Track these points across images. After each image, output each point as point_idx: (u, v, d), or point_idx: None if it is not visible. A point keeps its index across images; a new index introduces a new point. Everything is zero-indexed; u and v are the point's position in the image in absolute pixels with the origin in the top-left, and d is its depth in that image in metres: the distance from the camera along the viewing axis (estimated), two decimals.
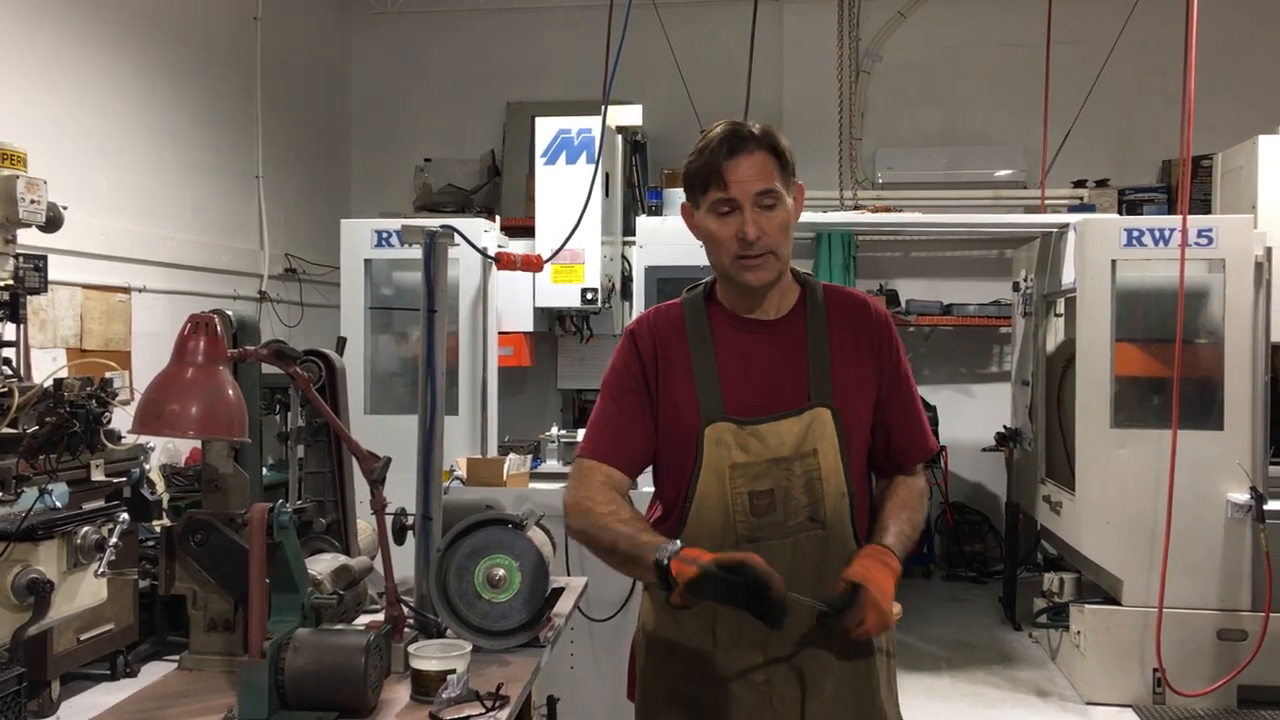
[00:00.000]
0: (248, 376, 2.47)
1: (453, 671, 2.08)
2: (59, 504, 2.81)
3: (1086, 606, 5.22)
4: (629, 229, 6.20)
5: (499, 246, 5.56)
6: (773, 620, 1.80)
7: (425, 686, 2.09)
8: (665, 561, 1.86)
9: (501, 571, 2.38)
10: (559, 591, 2.80)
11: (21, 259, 4.35)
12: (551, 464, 5.25)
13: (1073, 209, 7.56)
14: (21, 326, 4.53)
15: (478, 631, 2.38)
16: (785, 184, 2.06)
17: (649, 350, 2.15)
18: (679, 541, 1.92)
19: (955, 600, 7.26)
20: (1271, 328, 5.11)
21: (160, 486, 5.65)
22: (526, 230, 5.99)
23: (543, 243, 5.55)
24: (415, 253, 2.71)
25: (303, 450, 2.80)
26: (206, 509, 2.27)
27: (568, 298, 5.84)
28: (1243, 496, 4.93)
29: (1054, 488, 5.86)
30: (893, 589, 1.98)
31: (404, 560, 2.53)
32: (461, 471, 4.39)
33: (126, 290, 5.94)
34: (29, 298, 4.50)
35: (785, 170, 2.05)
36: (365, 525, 2.87)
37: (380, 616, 2.35)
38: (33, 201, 4.39)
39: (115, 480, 4.72)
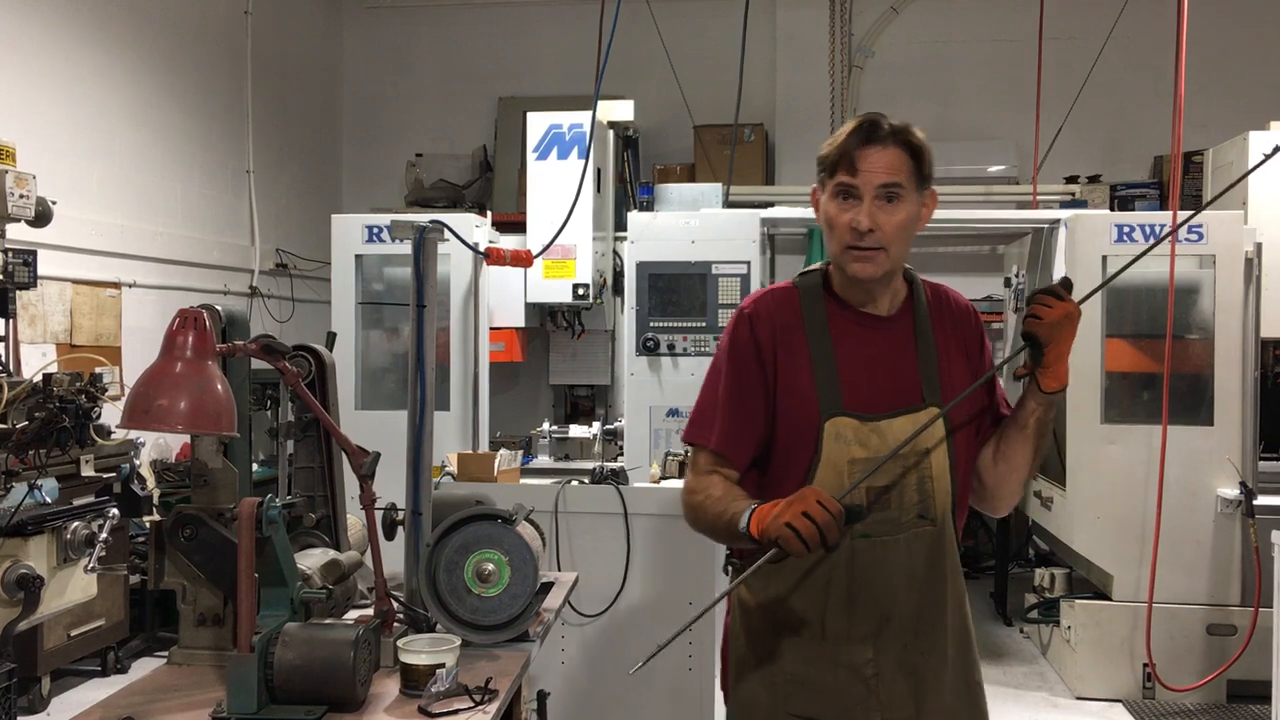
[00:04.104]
0: (237, 372, 2.46)
1: (442, 666, 2.08)
2: (48, 499, 2.81)
3: (1077, 601, 5.24)
4: (620, 224, 6.19)
5: (490, 242, 5.56)
6: (854, 521, 1.92)
7: (414, 681, 2.09)
8: (745, 527, 1.95)
9: (491, 566, 2.38)
10: (548, 586, 2.81)
11: (11, 254, 4.35)
12: (543, 459, 5.26)
13: (1064, 204, 7.56)
14: (11, 321, 4.53)
15: (467, 626, 2.38)
16: (915, 184, 2.06)
17: (768, 336, 2.12)
18: (752, 504, 1.97)
19: None
20: (1261, 323, 5.12)
21: (151, 482, 5.64)
22: (518, 225, 5.98)
23: (534, 238, 5.54)
24: (406, 248, 2.71)
25: (292, 445, 2.79)
26: (196, 504, 2.26)
27: (559, 293, 5.83)
28: (1232, 492, 4.94)
29: (1045, 483, 5.87)
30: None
31: (394, 555, 2.53)
32: (452, 467, 4.38)
33: (117, 285, 5.93)
34: (18, 293, 4.50)
35: (919, 171, 2.06)
36: (355, 520, 2.87)
37: (370, 611, 2.35)
38: (21, 196, 4.39)
39: (105, 476, 4.72)
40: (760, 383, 2.11)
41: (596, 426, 5.85)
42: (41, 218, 4.58)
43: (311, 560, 2.47)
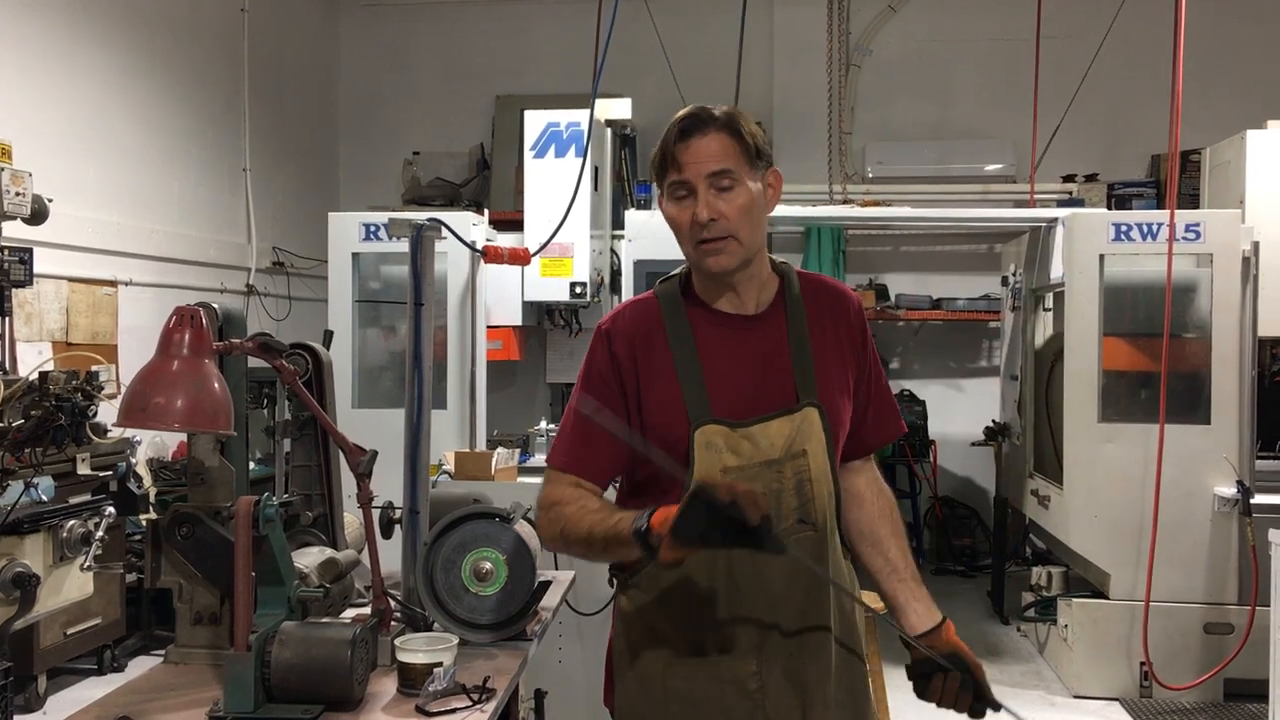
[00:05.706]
0: (234, 370, 2.46)
1: (439, 664, 2.08)
2: (45, 498, 2.79)
3: (1074, 600, 5.24)
4: (618, 223, 6.19)
5: (488, 240, 5.55)
6: (768, 545, 1.73)
7: (412, 679, 2.09)
8: (644, 524, 1.80)
9: (488, 565, 2.38)
10: (546, 585, 2.80)
11: (7, 251, 4.34)
12: (540, 458, 5.25)
13: (1062, 203, 7.57)
14: (7, 319, 4.52)
15: (464, 625, 2.38)
16: (747, 167, 1.98)
17: (626, 354, 2.03)
18: (650, 507, 1.85)
19: (943, 594, 7.27)
20: (1258, 322, 5.13)
21: (147, 480, 5.63)
22: (516, 224, 5.97)
23: (532, 236, 5.53)
24: (403, 246, 2.71)
25: (289, 444, 2.78)
26: (192, 502, 2.26)
27: (556, 291, 5.82)
28: (1229, 490, 4.95)
29: (1042, 482, 5.87)
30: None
31: (391, 554, 2.53)
32: (449, 465, 4.38)
33: (113, 284, 5.91)
34: (14, 290, 4.50)
35: (748, 153, 1.97)
36: (352, 518, 2.87)
37: (367, 609, 2.35)
38: (17, 194, 4.38)
39: (102, 474, 4.71)
40: (618, 405, 2.03)
41: None
42: (37, 215, 4.57)
43: (308, 559, 2.46)
